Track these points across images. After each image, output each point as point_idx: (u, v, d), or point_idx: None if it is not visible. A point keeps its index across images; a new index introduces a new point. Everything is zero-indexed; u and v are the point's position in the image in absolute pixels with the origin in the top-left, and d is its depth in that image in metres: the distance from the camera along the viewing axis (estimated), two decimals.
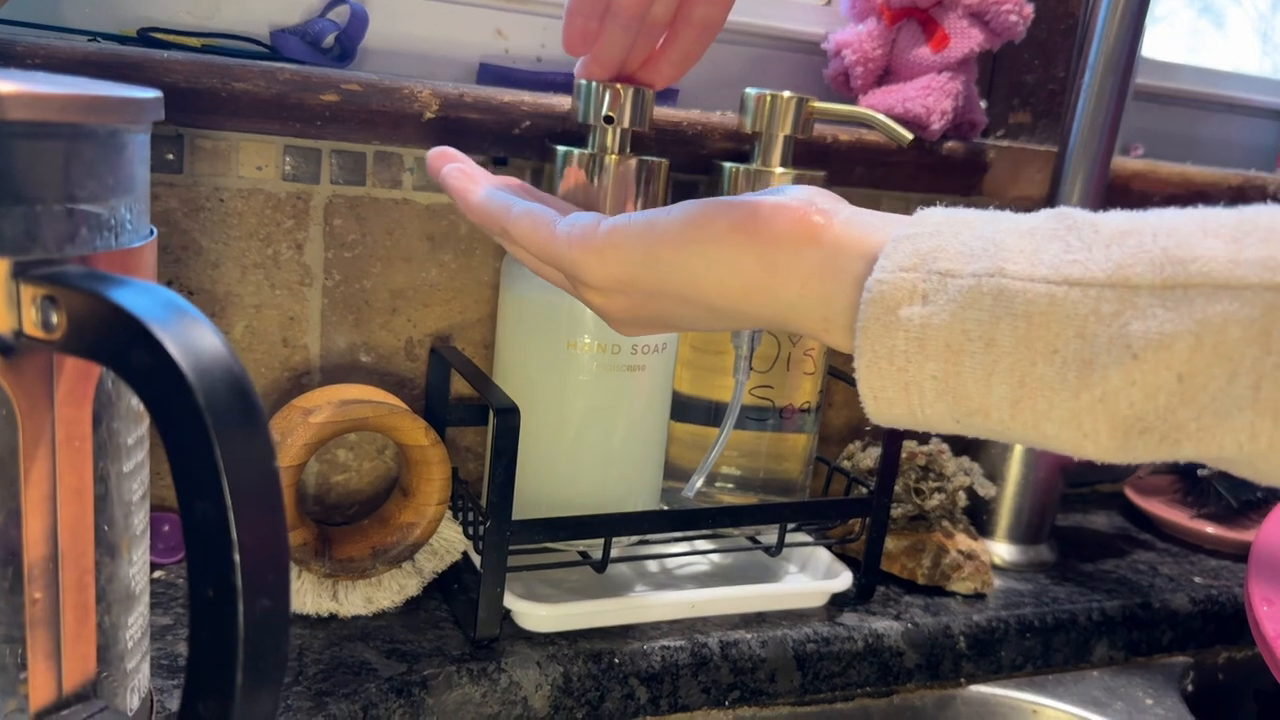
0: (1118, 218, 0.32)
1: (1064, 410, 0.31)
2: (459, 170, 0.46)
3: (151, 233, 0.34)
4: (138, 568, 0.36)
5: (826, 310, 0.36)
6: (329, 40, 0.61)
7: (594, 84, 0.54)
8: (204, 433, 0.25)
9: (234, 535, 0.26)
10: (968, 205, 0.80)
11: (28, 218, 0.29)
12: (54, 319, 0.28)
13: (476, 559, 0.57)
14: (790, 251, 0.36)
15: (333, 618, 0.56)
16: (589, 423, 0.58)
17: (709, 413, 0.65)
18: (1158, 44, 1.05)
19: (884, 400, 0.34)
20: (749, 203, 0.38)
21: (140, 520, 0.36)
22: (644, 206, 0.57)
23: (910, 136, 0.58)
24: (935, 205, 0.36)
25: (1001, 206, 0.79)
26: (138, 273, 0.32)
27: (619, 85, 0.53)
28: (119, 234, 0.32)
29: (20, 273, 0.28)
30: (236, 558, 0.26)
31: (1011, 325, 0.31)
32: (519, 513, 0.53)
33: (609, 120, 0.54)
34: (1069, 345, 0.31)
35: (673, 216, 0.38)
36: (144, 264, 0.33)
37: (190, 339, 0.26)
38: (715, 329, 0.59)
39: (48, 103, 0.28)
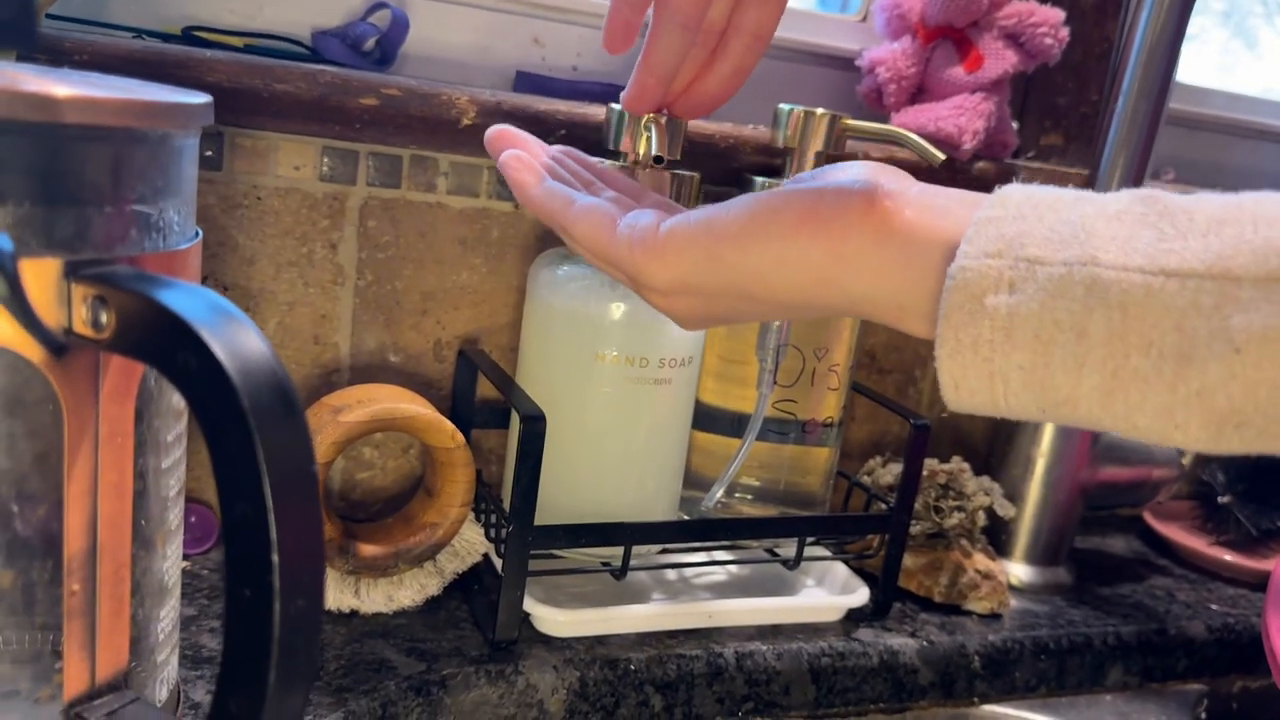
0: (1211, 203, 0.31)
1: (1157, 403, 0.30)
2: (517, 160, 0.44)
3: (197, 234, 0.35)
4: (171, 561, 0.36)
5: (902, 299, 0.35)
6: (369, 44, 0.62)
7: (632, 117, 0.53)
8: (247, 435, 0.26)
9: (273, 536, 0.26)
10: None
11: (79, 219, 0.30)
12: (103, 318, 0.29)
13: (497, 561, 0.58)
14: (860, 243, 0.35)
15: (354, 614, 0.57)
16: (611, 433, 0.58)
17: (732, 423, 0.65)
18: (1189, 64, 1.04)
19: (965, 389, 0.33)
20: (811, 192, 0.36)
21: (175, 515, 0.36)
22: None
23: (942, 157, 0.59)
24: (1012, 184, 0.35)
25: None
26: (184, 273, 0.33)
27: (659, 118, 0.52)
28: (167, 235, 0.32)
29: (72, 272, 0.29)
30: (275, 558, 0.26)
31: (1106, 316, 0.31)
32: (539, 517, 0.54)
33: (659, 160, 0.54)
34: (1166, 338, 0.30)
35: (733, 214, 0.37)
36: (190, 265, 0.34)
37: (236, 342, 0.27)
38: (783, 320, 0.58)
39: (102, 107, 0.29)
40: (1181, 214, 0.31)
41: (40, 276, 0.28)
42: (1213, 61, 1.07)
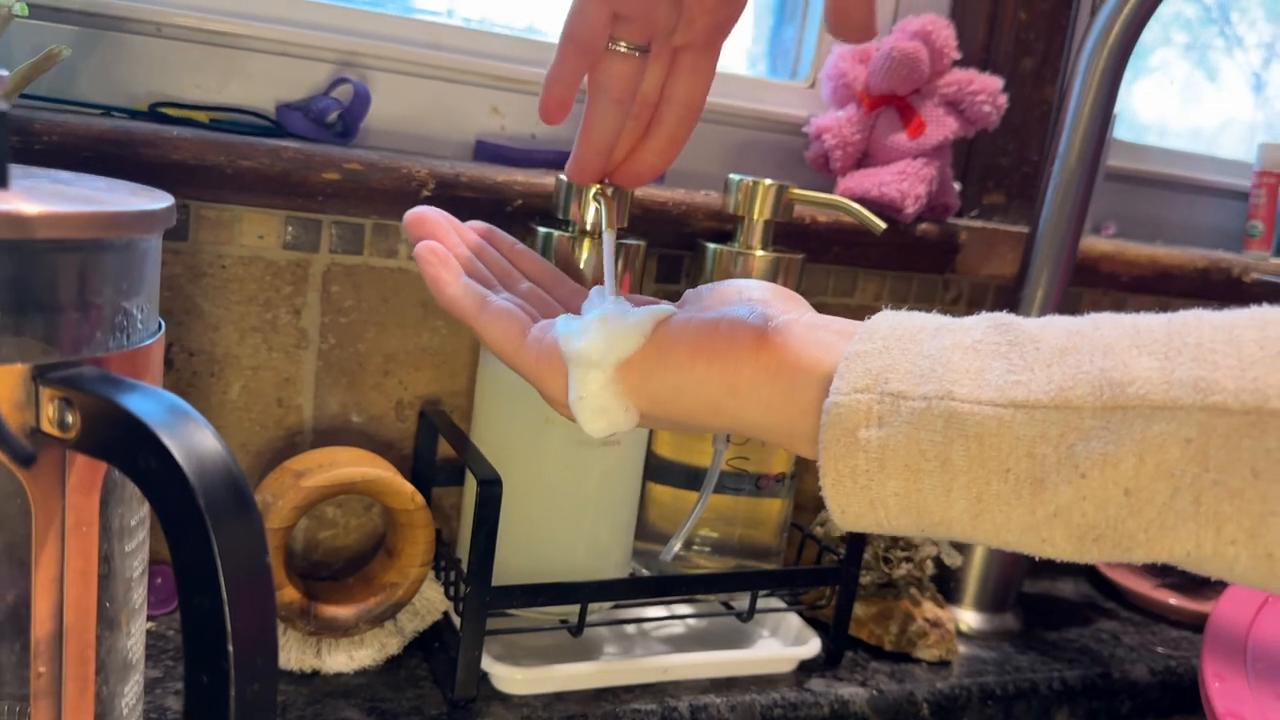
0: (1056, 332, 0.34)
1: (1021, 523, 0.33)
2: (432, 254, 0.44)
3: (160, 327, 0.37)
4: (135, 639, 0.38)
5: (789, 428, 0.37)
6: (332, 117, 0.64)
7: (579, 188, 0.56)
8: (204, 534, 0.28)
9: (229, 627, 0.28)
10: (943, 282, 0.82)
11: (48, 324, 0.31)
12: (69, 419, 0.30)
13: (457, 619, 0.59)
14: (750, 377, 0.37)
15: (315, 674, 0.58)
16: (562, 493, 0.60)
17: (688, 477, 0.67)
18: (1150, 96, 1.08)
19: (851, 514, 0.36)
20: (707, 324, 0.39)
21: (139, 594, 0.38)
22: (623, 282, 0.60)
23: (883, 226, 0.61)
24: (886, 310, 0.38)
25: (974, 284, 0.82)
26: (147, 369, 0.35)
27: (606, 189, 0.53)
28: (130, 334, 0.34)
29: (39, 375, 0.31)
30: (231, 648, 0.28)
31: (964, 446, 0.33)
32: (494, 575, 0.56)
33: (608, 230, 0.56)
34: (1020, 464, 0.33)
35: (633, 341, 0.40)
36: (152, 361, 0.35)
37: (193, 443, 0.29)
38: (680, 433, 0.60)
39: (71, 221, 0.31)
40: (1030, 344, 0.34)
41: (9, 380, 0.30)
42: (1175, 94, 1.11)
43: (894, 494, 0.34)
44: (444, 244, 0.45)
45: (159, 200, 0.35)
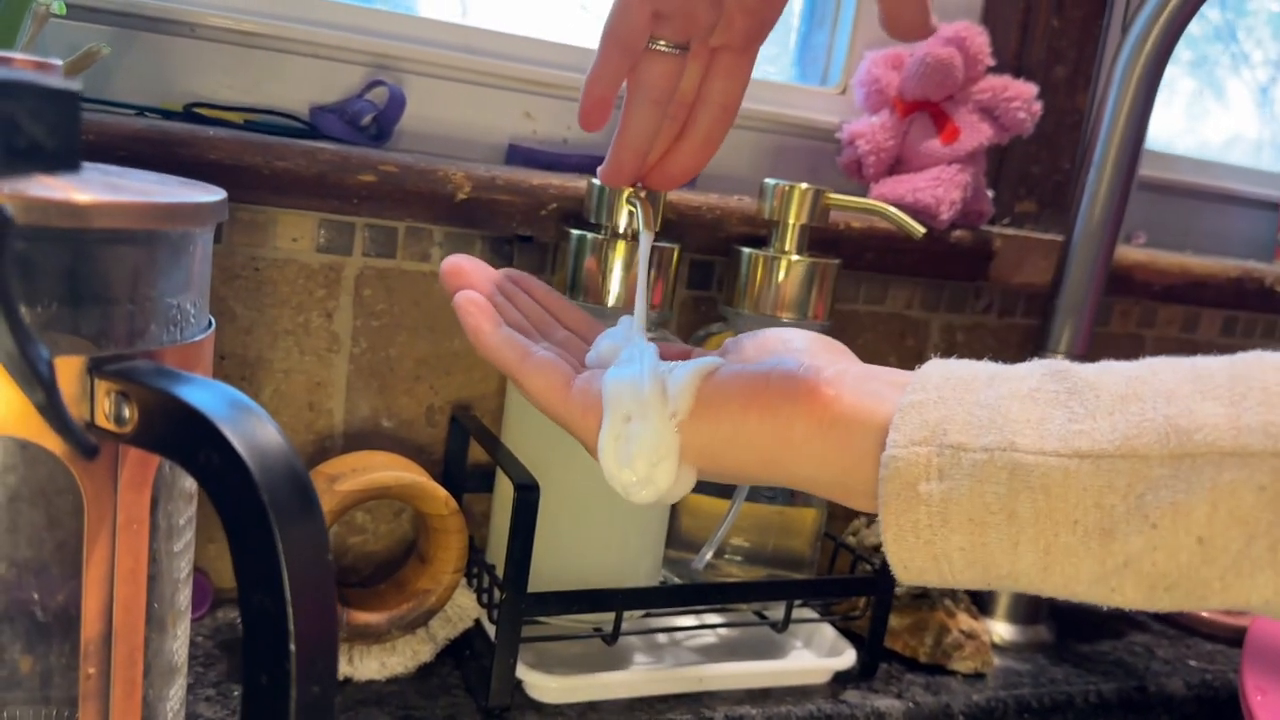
0: (1114, 378, 0.34)
1: (1090, 574, 0.32)
2: (471, 304, 0.44)
3: (210, 324, 0.36)
4: (180, 641, 0.37)
5: (845, 482, 0.37)
6: (366, 120, 0.63)
7: (614, 191, 0.55)
8: (268, 530, 0.27)
9: (291, 627, 0.27)
10: (975, 291, 0.82)
11: (103, 316, 0.31)
12: (126, 413, 0.30)
13: (489, 627, 0.58)
14: (805, 430, 0.37)
15: (348, 681, 0.58)
16: (593, 497, 0.60)
17: (721, 485, 0.66)
18: (1156, 113, 1.07)
19: (914, 569, 0.35)
20: (759, 376, 0.38)
21: (185, 596, 0.37)
22: (656, 288, 0.60)
23: (922, 230, 0.61)
24: (934, 359, 0.37)
25: (1005, 292, 0.81)
26: (199, 364, 0.34)
27: (640, 193, 0.53)
28: (184, 328, 0.34)
29: (95, 368, 0.30)
30: (293, 648, 0.27)
31: (1030, 498, 0.32)
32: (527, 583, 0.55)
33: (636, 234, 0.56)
34: (1088, 515, 0.32)
35: (681, 394, 0.39)
36: (204, 355, 0.35)
37: (256, 438, 0.28)
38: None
39: (127, 211, 0.31)
40: (1089, 391, 0.33)
41: (65, 374, 0.30)
42: (1181, 110, 1.10)
43: (959, 548, 0.33)
44: (481, 293, 0.44)
45: (211, 193, 0.35)
